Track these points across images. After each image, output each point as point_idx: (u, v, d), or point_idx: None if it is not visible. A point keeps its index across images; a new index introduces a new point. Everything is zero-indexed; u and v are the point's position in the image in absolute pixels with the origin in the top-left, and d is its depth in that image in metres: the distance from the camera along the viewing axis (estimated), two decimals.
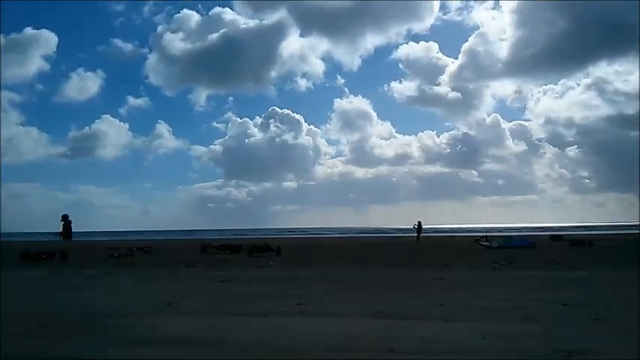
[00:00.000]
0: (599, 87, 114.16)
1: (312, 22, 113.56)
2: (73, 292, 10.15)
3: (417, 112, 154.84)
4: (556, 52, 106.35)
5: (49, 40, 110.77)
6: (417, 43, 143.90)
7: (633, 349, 5.30)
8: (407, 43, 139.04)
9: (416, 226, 34.40)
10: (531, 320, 6.75)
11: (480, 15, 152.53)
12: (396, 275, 12.99)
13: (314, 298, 8.84)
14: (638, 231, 40.48)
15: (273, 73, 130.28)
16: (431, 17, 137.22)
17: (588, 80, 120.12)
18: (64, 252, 19.77)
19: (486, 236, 27.33)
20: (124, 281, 12.30)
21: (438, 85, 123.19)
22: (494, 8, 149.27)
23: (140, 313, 7.71)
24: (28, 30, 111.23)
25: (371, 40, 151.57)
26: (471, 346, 5.43)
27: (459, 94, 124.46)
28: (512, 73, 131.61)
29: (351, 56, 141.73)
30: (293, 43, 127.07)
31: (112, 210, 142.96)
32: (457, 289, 10.01)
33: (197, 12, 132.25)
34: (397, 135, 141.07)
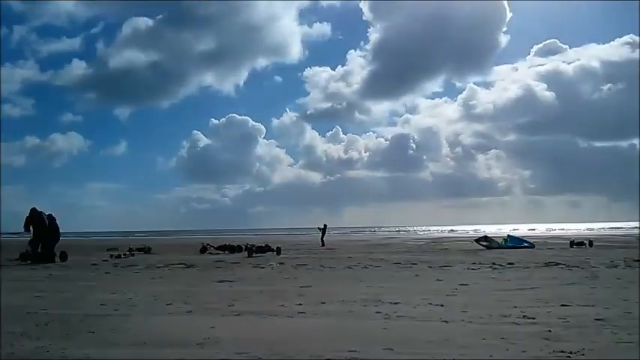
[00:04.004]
0: (466, 102, 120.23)
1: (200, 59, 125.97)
2: (72, 292, 10.15)
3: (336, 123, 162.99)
4: (421, 69, 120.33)
5: None
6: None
7: (633, 349, 5.31)
8: (310, 68, 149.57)
9: (320, 228, 32.99)
10: (531, 320, 6.76)
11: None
12: (396, 275, 12.99)
13: (314, 298, 8.85)
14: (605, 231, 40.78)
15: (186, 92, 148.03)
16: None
17: (463, 94, 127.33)
18: (64, 252, 19.76)
19: (486, 236, 27.29)
20: (125, 281, 12.29)
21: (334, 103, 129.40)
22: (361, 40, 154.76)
23: (140, 313, 7.71)
24: None
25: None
26: (471, 346, 5.44)
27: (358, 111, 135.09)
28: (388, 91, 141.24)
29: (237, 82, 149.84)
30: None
31: (97, 210, 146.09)
32: (457, 289, 10.02)
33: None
34: (343, 137, 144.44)
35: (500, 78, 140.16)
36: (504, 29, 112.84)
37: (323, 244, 30.69)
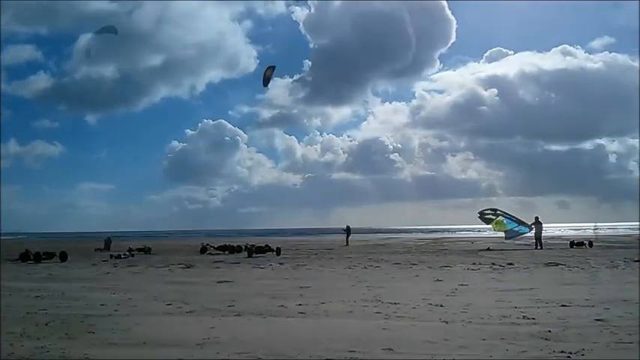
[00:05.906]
0: (416, 108, 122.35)
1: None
2: (72, 292, 10.14)
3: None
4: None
5: None
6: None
7: (633, 349, 5.31)
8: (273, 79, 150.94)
9: (344, 230, 34.52)
10: (531, 320, 6.75)
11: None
12: (397, 276, 12.99)
13: (314, 298, 8.84)
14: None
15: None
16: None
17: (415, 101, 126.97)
18: (64, 252, 19.77)
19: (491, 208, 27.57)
20: (125, 281, 12.28)
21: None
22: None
23: (140, 313, 7.71)
24: None
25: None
26: (471, 346, 5.44)
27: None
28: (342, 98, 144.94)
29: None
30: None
31: (92, 210, 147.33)
32: (457, 289, 10.01)
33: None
34: (320, 138, 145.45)
35: (449, 83, 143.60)
36: (451, 35, 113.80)
37: (347, 244, 31.65)
